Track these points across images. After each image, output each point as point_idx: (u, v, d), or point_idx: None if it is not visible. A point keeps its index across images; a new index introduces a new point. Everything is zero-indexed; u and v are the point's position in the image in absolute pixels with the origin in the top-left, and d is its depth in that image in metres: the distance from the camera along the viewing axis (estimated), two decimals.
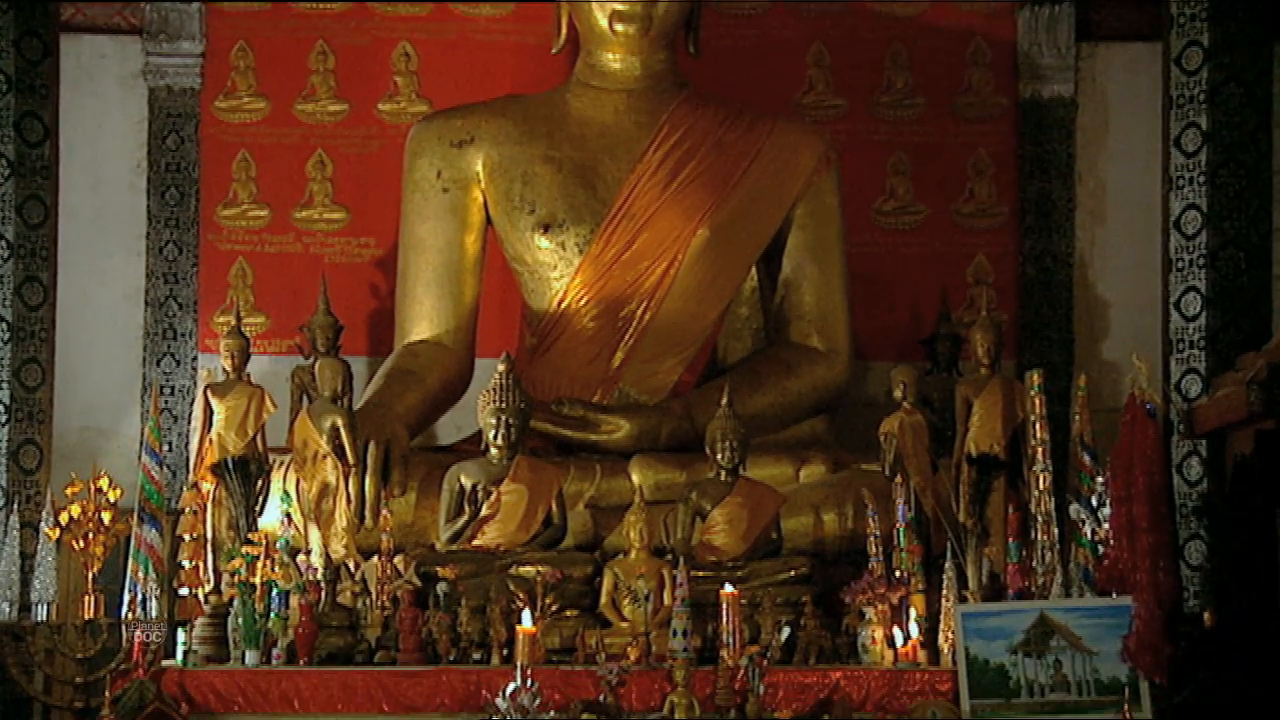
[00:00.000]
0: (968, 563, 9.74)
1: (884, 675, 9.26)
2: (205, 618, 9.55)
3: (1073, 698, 8.93)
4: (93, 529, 8.28)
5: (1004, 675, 9.01)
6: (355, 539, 10.08)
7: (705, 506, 10.35)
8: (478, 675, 9.15)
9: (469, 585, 9.71)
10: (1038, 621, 9.02)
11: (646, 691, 9.07)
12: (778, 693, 9.07)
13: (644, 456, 10.88)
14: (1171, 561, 8.63)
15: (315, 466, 10.12)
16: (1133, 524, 8.55)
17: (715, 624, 9.31)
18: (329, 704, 9.08)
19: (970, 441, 10.01)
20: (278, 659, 9.28)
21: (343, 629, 9.53)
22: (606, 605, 9.88)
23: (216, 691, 9.01)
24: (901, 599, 9.58)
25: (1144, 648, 8.48)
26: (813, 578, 10.13)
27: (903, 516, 9.77)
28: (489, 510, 10.26)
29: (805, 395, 11.58)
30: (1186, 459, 9.67)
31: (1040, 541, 9.37)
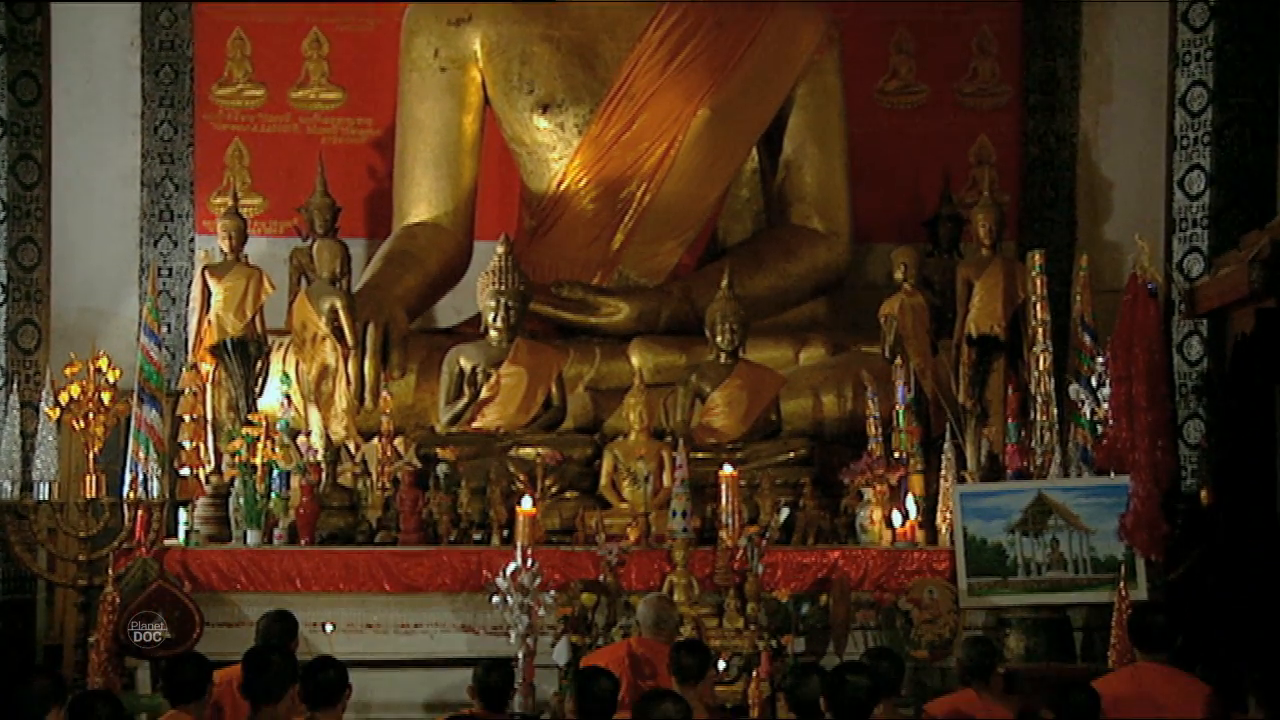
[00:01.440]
0: (966, 443, 9.78)
1: (882, 555, 9.33)
2: (206, 498, 9.61)
3: (1069, 575, 9.00)
4: (93, 409, 8.27)
5: (1001, 554, 9.08)
6: (355, 420, 10.10)
7: (705, 389, 10.36)
8: (478, 555, 9.22)
9: (469, 467, 9.75)
10: (1035, 501, 9.07)
11: (646, 571, 9.14)
12: (776, 572, 9.15)
13: (644, 339, 10.86)
14: (1170, 440, 8.65)
15: (314, 348, 10.11)
16: (1132, 403, 8.55)
17: (714, 505, 9.37)
18: (330, 583, 9.16)
19: (970, 322, 9.98)
20: (279, 539, 9.35)
21: (343, 509, 9.59)
22: (606, 486, 9.93)
23: (219, 570, 9.09)
24: (900, 479, 9.62)
25: (1141, 526, 8.52)
26: (812, 459, 10.17)
27: (902, 398, 9.78)
28: (489, 392, 10.27)
29: (805, 277, 11.53)
30: (1187, 338, 9.66)
31: (1039, 421, 9.38)
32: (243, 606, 9.09)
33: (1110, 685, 6.63)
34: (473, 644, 9.09)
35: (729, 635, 8.72)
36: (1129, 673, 6.94)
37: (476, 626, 9.11)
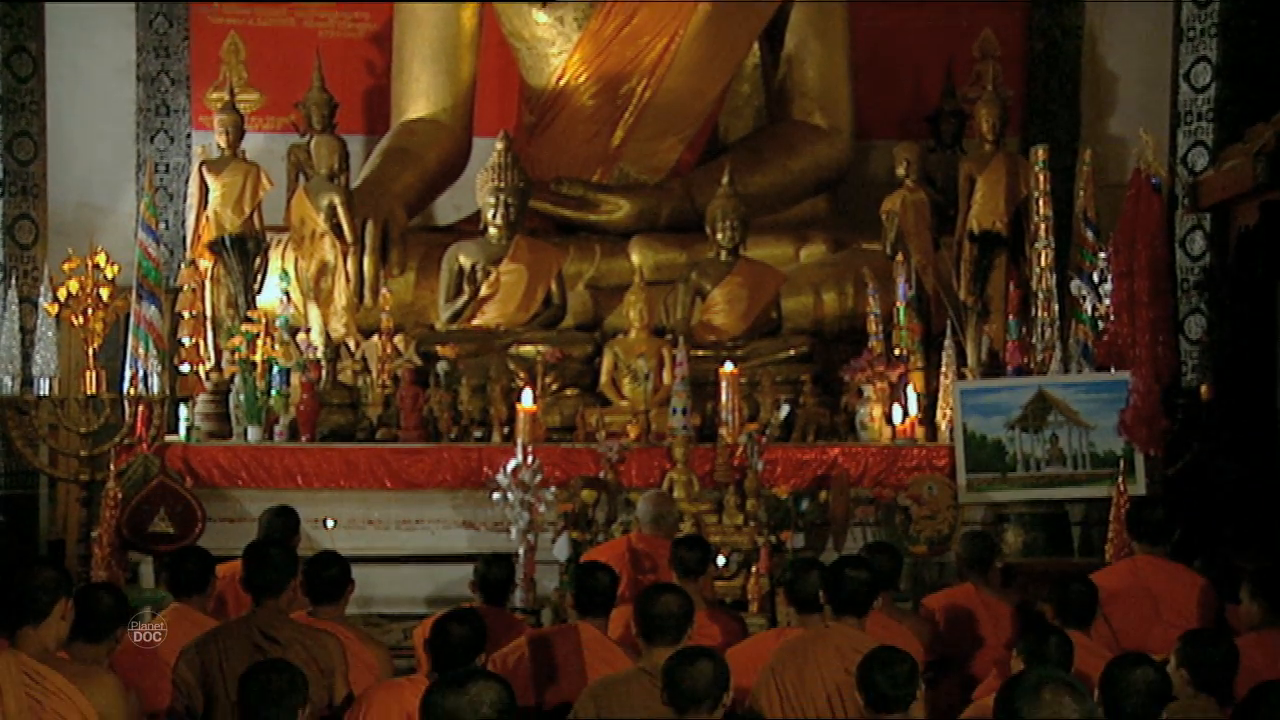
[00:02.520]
0: (967, 340, 9.77)
1: (881, 452, 9.36)
2: (207, 394, 9.62)
3: (1068, 471, 9.03)
4: (91, 305, 8.23)
5: (1001, 450, 9.10)
6: (355, 318, 10.08)
7: (705, 286, 10.33)
8: (479, 453, 9.24)
9: (469, 364, 9.75)
10: (1036, 397, 9.08)
11: (646, 468, 9.17)
12: (776, 469, 9.18)
13: (644, 236, 10.82)
14: (1171, 336, 8.64)
15: (313, 245, 10.07)
16: (1134, 299, 8.53)
17: (714, 402, 9.39)
18: (331, 480, 9.19)
19: (972, 218, 9.93)
20: (280, 436, 9.36)
21: (344, 407, 9.59)
22: (606, 384, 9.93)
23: (220, 466, 9.12)
24: (900, 376, 9.62)
25: (1140, 421, 8.53)
26: (812, 356, 10.16)
27: (903, 294, 9.75)
28: (488, 290, 10.24)
29: (807, 174, 11.44)
30: (1190, 233, 9.60)
31: (1040, 318, 9.36)
32: (244, 502, 9.13)
33: (1108, 578, 6.67)
34: (473, 540, 9.13)
35: (728, 531, 8.77)
36: (1127, 566, 6.98)
37: (477, 523, 9.15)
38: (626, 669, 5.53)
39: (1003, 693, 3.53)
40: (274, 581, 6.02)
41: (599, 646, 6.12)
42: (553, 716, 5.90)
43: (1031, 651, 5.32)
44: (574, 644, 6.14)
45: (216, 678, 5.74)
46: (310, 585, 6.35)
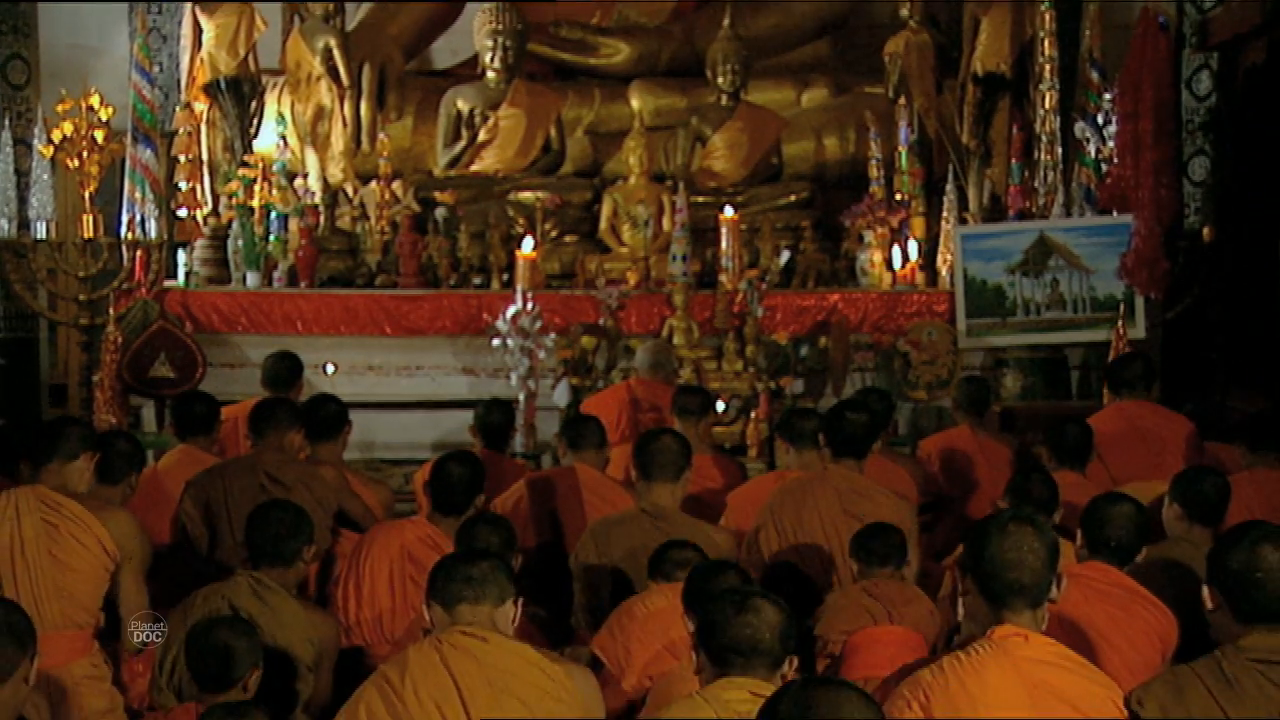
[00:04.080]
0: (969, 184, 9.71)
1: (881, 297, 9.35)
2: (205, 240, 9.57)
3: (1068, 315, 9.03)
4: (86, 148, 8.14)
5: (1001, 295, 9.09)
6: (352, 163, 10.00)
7: (705, 131, 10.24)
8: (478, 299, 9.24)
9: (468, 210, 9.70)
10: (1037, 241, 9.05)
11: (645, 315, 9.18)
12: (775, 315, 9.18)
13: (643, 81, 10.68)
14: (1174, 178, 8.58)
15: (309, 88, 9.95)
16: (1138, 140, 8.45)
17: (714, 248, 9.36)
18: (331, 326, 9.20)
19: (976, 60, 9.78)
20: (279, 281, 9.35)
21: (342, 253, 9.57)
22: (606, 231, 9.89)
23: (219, 311, 9.12)
24: (901, 222, 9.58)
25: (1141, 264, 8.51)
26: (813, 202, 10.12)
27: (905, 139, 9.67)
28: (487, 135, 10.15)
29: (809, 16, 11.24)
30: (1196, 73, 9.46)
31: (1043, 161, 9.28)
32: (244, 348, 9.15)
33: (1098, 422, 6.69)
34: (473, 386, 9.16)
35: (728, 377, 8.80)
36: (1114, 410, 6.98)
37: (477, 369, 9.17)
38: (626, 509, 5.57)
39: (974, 528, 3.61)
40: (279, 426, 6.10)
41: (597, 485, 6.17)
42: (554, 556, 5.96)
43: (1017, 492, 5.40)
44: (572, 484, 6.19)
45: (220, 513, 5.81)
46: (309, 423, 6.42)
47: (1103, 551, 4.59)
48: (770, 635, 3.45)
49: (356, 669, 4.75)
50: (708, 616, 3.50)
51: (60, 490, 4.79)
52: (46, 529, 4.66)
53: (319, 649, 4.66)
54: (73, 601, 4.65)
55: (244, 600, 4.60)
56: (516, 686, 3.51)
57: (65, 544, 4.66)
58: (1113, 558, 4.58)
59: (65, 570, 4.64)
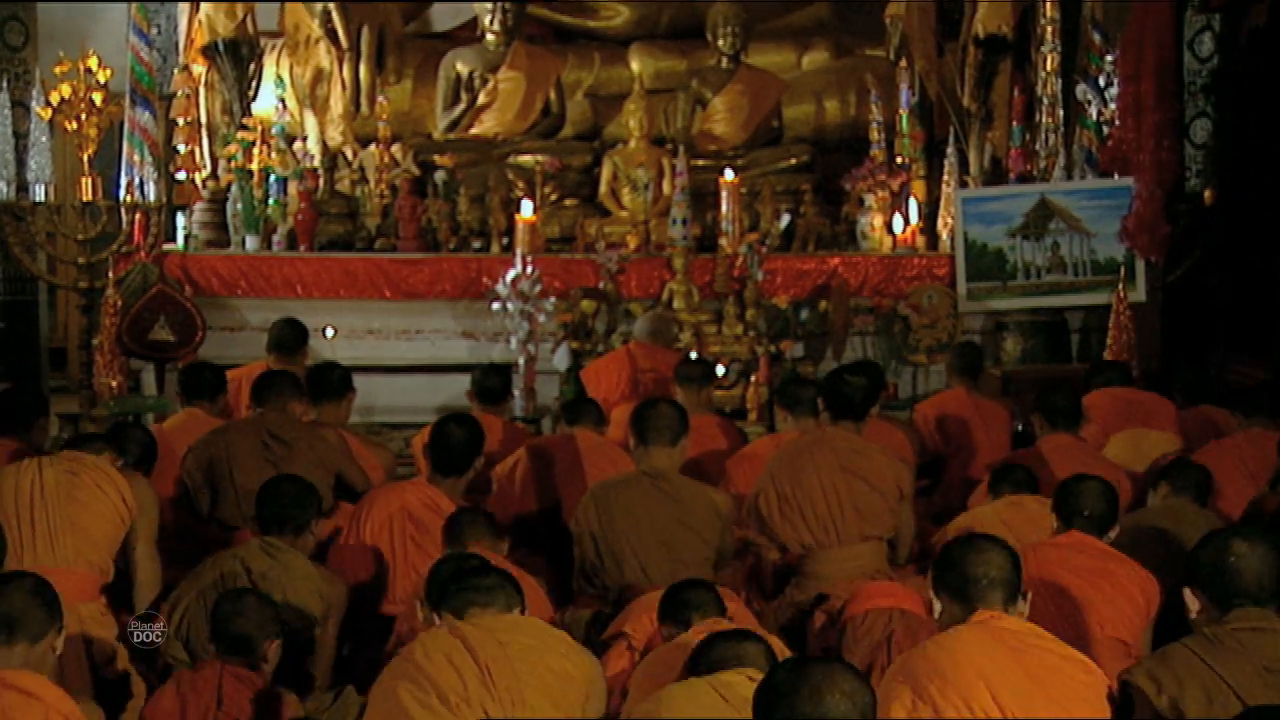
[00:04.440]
0: (970, 147, 9.67)
1: (882, 261, 9.34)
2: (204, 203, 9.55)
3: (1068, 278, 9.03)
4: (84, 110, 8.09)
5: (1001, 259, 9.08)
6: (351, 126, 9.97)
7: (706, 94, 10.20)
8: (478, 263, 9.22)
9: (467, 174, 9.67)
10: (1038, 205, 9.04)
11: (645, 279, 9.17)
12: (776, 279, 9.17)
13: (644, 43, 10.63)
14: (1176, 140, 8.55)
15: (308, 51, 9.92)
16: (1139, 102, 8.42)
17: (714, 212, 9.34)
18: (331, 289, 9.19)
19: (978, 23, 9.71)
20: (278, 245, 9.34)
21: (342, 216, 9.55)
22: (606, 194, 9.87)
23: (219, 275, 9.12)
24: (902, 185, 9.57)
25: (1142, 227, 8.50)
26: (813, 165, 10.09)
27: (906, 102, 9.64)
28: (486, 98, 10.11)
29: None
30: (1199, 34, 9.36)
31: (1044, 124, 9.25)
32: (244, 311, 9.16)
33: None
34: (473, 350, 9.17)
35: (728, 341, 8.81)
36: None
37: (477, 333, 9.17)
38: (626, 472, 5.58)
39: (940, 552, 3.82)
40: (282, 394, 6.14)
41: (598, 450, 6.19)
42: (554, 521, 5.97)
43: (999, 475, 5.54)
44: (572, 450, 6.21)
45: (223, 471, 5.84)
46: (313, 387, 6.48)
47: (1078, 523, 4.67)
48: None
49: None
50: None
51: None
52: (68, 477, 4.82)
53: (328, 603, 4.74)
54: (87, 539, 4.75)
55: (256, 559, 4.70)
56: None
57: (85, 488, 4.81)
58: (1090, 528, 4.65)
59: (83, 509, 4.77)
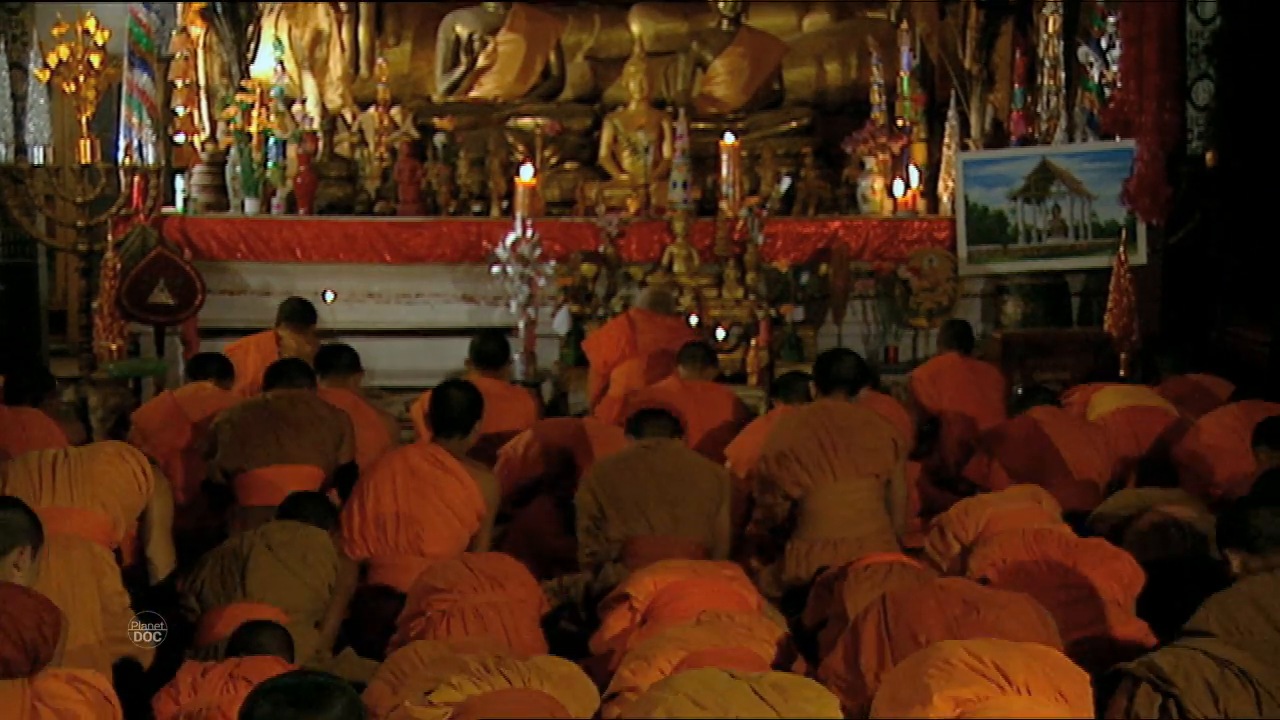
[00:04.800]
0: (971, 109, 9.64)
1: (882, 225, 9.32)
2: (203, 166, 9.52)
3: (1069, 241, 9.01)
4: (83, 72, 8.08)
5: (1002, 221, 9.06)
6: (351, 89, 9.94)
7: (706, 57, 10.17)
8: (478, 227, 9.20)
9: (467, 137, 9.65)
10: (1039, 167, 9.00)
11: (646, 243, 9.15)
12: (776, 243, 9.15)
13: (644, 5, 10.58)
14: (1178, 102, 8.51)
15: (307, 12, 9.90)
16: (1142, 64, 8.38)
17: (715, 175, 9.32)
18: (331, 253, 9.18)
19: None
20: (277, 208, 9.32)
21: (341, 179, 9.53)
22: (606, 157, 9.84)
23: (218, 238, 9.10)
24: (903, 148, 9.54)
25: (1144, 190, 8.48)
26: (814, 128, 10.06)
27: (907, 64, 9.59)
28: (486, 61, 10.08)
29: None
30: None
31: (1046, 86, 9.21)
32: (243, 275, 9.16)
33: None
34: (473, 314, 9.17)
35: (728, 305, 8.80)
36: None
37: (477, 296, 9.17)
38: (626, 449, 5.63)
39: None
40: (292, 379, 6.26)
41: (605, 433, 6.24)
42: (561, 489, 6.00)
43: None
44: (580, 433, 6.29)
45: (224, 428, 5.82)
46: (321, 365, 6.64)
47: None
48: None
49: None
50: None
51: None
52: (90, 450, 5.03)
53: (340, 575, 4.76)
54: (105, 488, 4.85)
55: (276, 532, 4.73)
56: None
57: (106, 458, 4.98)
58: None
59: (104, 468, 4.91)
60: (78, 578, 4.38)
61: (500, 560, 4.81)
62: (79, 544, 4.50)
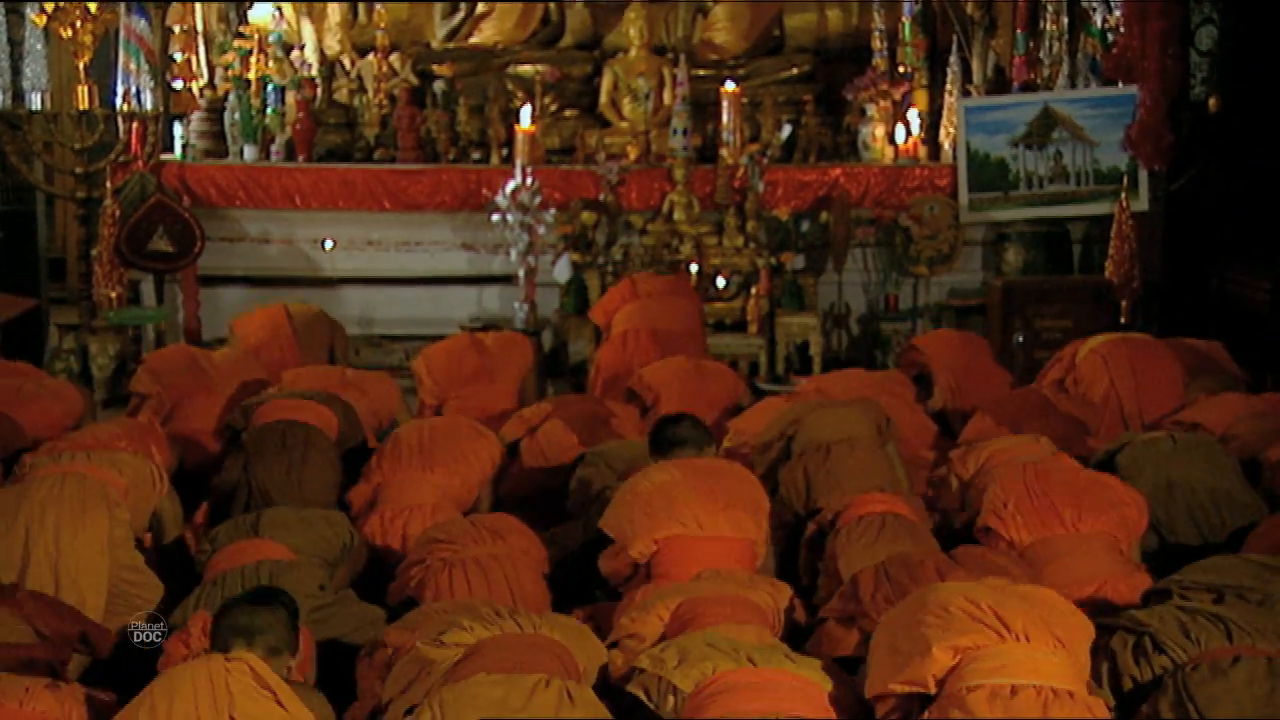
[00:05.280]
0: (973, 56, 9.56)
1: (883, 172, 9.28)
2: (201, 112, 9.46)
3: (1071, 188, 8.98)
4: (79, 17, 8.03)
5: (1004, 168, 9.03)
6: (349, 35, 9.88)
7: (707, 3, 10.08)
8: (477, 174, 9.17)
9: (466, 84, 9.60)
10: (1041, 114, 8.96)
11: (646, 190, 9.12)
12: (777, 190, 9.12)
13: None
14: (1181, 47, 8.47)
15: None
16: (1144, 9, 8.32)
17: (715, 122, 9.28)
18: (330, 200, 9.15)
19: None
20: (276, 155, 9.29)
21: (340, 126, 9.48)
22: (606, 104, 9.79)
23: (217, 185, 9.08)
24: (904, 95, 9.48)
25: (1146, 136, 8.44)
26: (815, 75, 9.99)
27: (909, 10, 9.53)
28: (485, 7, 10.01)
29: None
30: None
31: (1048, 31, 9.15)
32: (242, 222, 9.14)
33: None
34: (473, 262, 9.15)
35: (728, 253, 8.81)
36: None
37: (477, 245, 9.14)
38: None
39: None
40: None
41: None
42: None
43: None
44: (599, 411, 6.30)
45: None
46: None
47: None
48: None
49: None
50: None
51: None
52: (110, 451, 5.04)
53: (344, 548, 4.77)
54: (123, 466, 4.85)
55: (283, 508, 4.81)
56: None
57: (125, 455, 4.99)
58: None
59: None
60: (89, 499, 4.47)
61: (502, 517, 4.88)
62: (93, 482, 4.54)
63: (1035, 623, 3.41)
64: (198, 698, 3.23)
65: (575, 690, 3.43)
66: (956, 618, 3.39)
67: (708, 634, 3.64)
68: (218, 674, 3.28)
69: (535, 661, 3.50)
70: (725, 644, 3.55)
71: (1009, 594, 3.52)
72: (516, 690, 3.35)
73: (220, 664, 3.31)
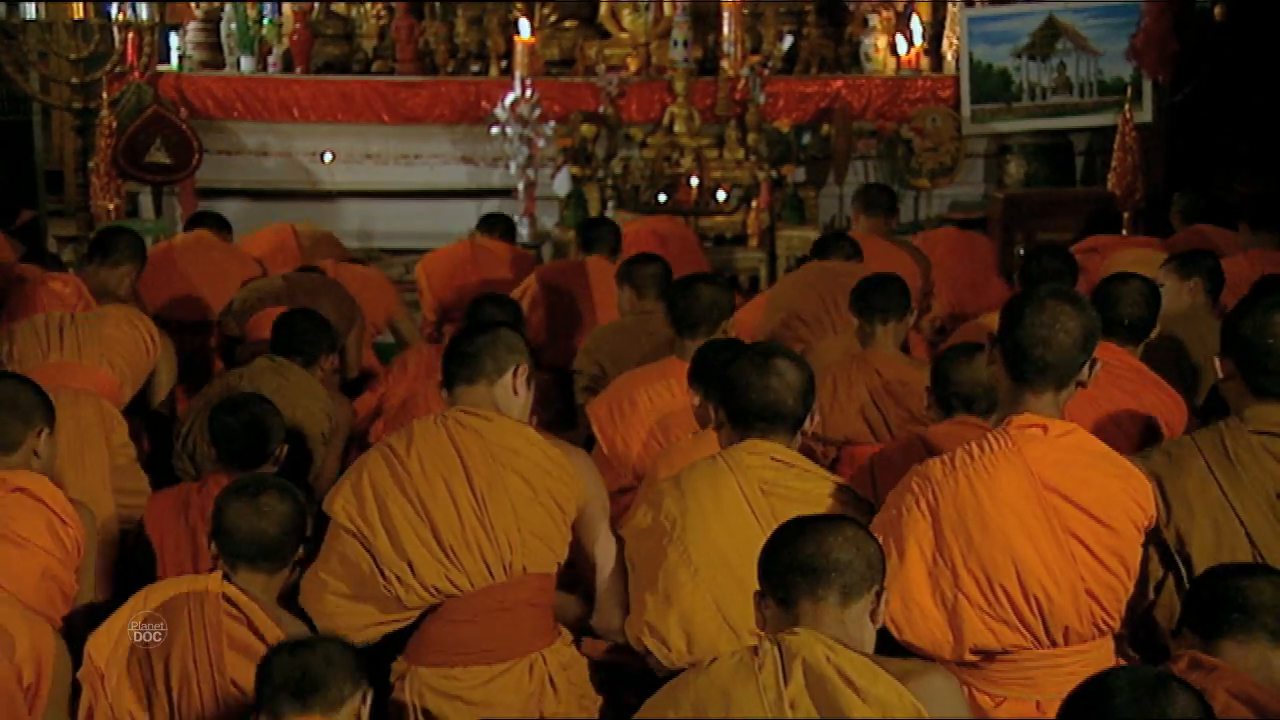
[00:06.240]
0: None
1: (885, 83, 9.22)
2: (197, 22, 9.40)
3: (1074, 99, 8.93)
4: None
5: (1007, 80, 8.97)
6: None
7: None
8: (476, 86, 9.11)
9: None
10: (1045, 23, 8.90)
11: (646, 103, 9.06)
12: (778, 102, 9.06)
13: None
14: None
15: None
16: None
17: (716, 34, 9.20)
18: (328, 112, 9.09)
19: None
20: (274, 66, 9.22)
21: (338, 38, 9.41)
22: (606, 16, 9.69)
23: (214, 97, 9.01)
24: (906, 5, 9.41)
25: (1150, 45, 8.39)
26: None
27: None
28: None
29: None
30: None
31: None
32: (240, 135, 9.08)
33: None
34: (473, 175, 9.11)
35: (729, 166, 8.76)
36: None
37: (476, 158, 9.10)
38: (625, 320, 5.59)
39: (1007, 305, 3.45)
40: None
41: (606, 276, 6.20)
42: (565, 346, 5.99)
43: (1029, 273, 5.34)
44: (582, 277, 6.22)
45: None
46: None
47: (1117, 332, 4.27)
48: (792, 398, 3.41)
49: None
50: (730, 381, 3.46)
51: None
52: (99, 313, 5.07)
53: (334, 422, 4.78)
54: (111, 346, 4.84)
55: (265, 377, 4.74)
56: (518, 463, 3.50)
57: (114, 321, 4.98)
58: (1127, 337, 4.33)
59: (112, 329, 4.90)
60: (87, 431, 4.42)
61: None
62: (88, 398, 4.53)
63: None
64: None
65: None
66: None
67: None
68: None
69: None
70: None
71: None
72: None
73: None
